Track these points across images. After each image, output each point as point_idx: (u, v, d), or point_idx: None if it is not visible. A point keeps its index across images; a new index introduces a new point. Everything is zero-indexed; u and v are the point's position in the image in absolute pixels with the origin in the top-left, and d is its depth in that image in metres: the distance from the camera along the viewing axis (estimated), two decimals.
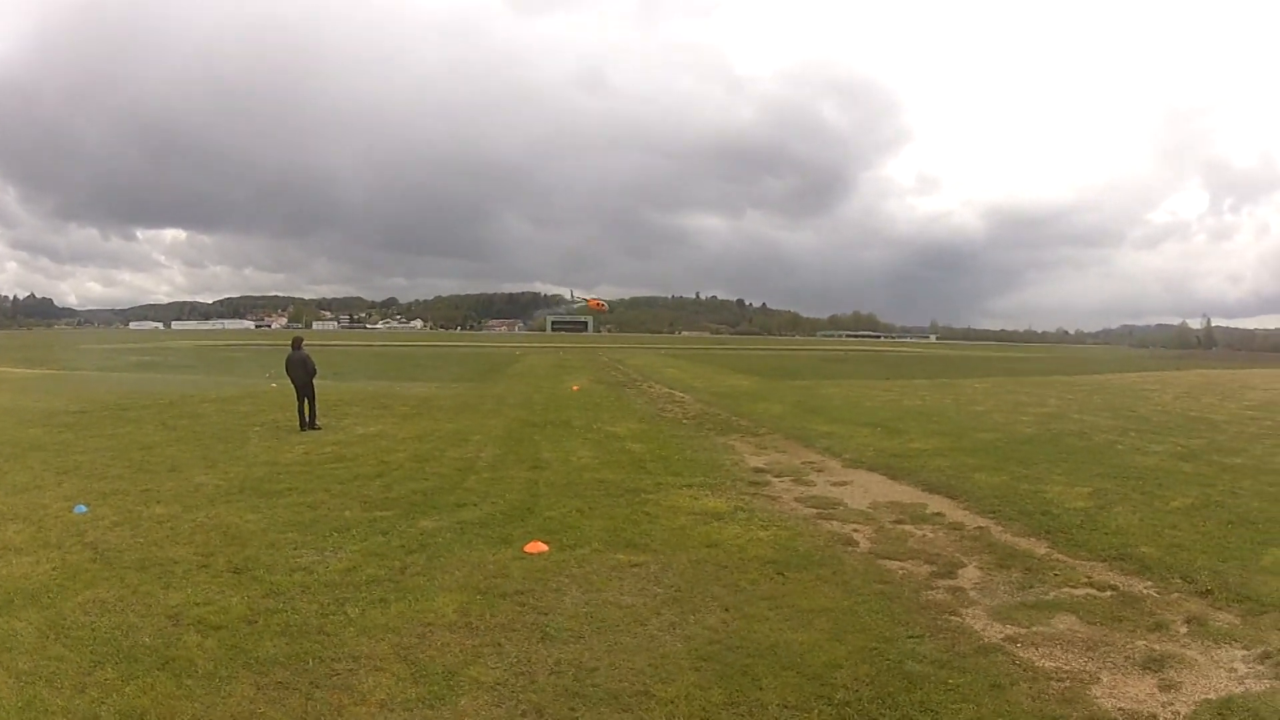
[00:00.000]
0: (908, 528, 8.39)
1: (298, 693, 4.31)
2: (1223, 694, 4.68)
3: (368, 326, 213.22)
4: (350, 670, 4.61)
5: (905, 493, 10.21)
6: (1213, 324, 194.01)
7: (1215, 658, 5.19)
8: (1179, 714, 4.47)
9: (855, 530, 8.23)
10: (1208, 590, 6.40)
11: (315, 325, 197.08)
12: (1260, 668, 5.04)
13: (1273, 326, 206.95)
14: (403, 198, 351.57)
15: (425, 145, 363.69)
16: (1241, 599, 6.19)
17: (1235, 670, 5.01)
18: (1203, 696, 4.65)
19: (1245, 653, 5.26)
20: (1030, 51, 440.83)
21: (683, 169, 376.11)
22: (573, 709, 4.26)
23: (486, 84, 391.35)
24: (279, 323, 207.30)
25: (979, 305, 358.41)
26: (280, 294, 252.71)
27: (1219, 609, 6.05)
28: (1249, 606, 6.05)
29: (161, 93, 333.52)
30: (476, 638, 5.14)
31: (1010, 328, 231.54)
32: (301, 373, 15.23)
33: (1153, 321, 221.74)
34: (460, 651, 4.92)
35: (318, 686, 4.39)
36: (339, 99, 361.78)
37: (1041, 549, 7.64)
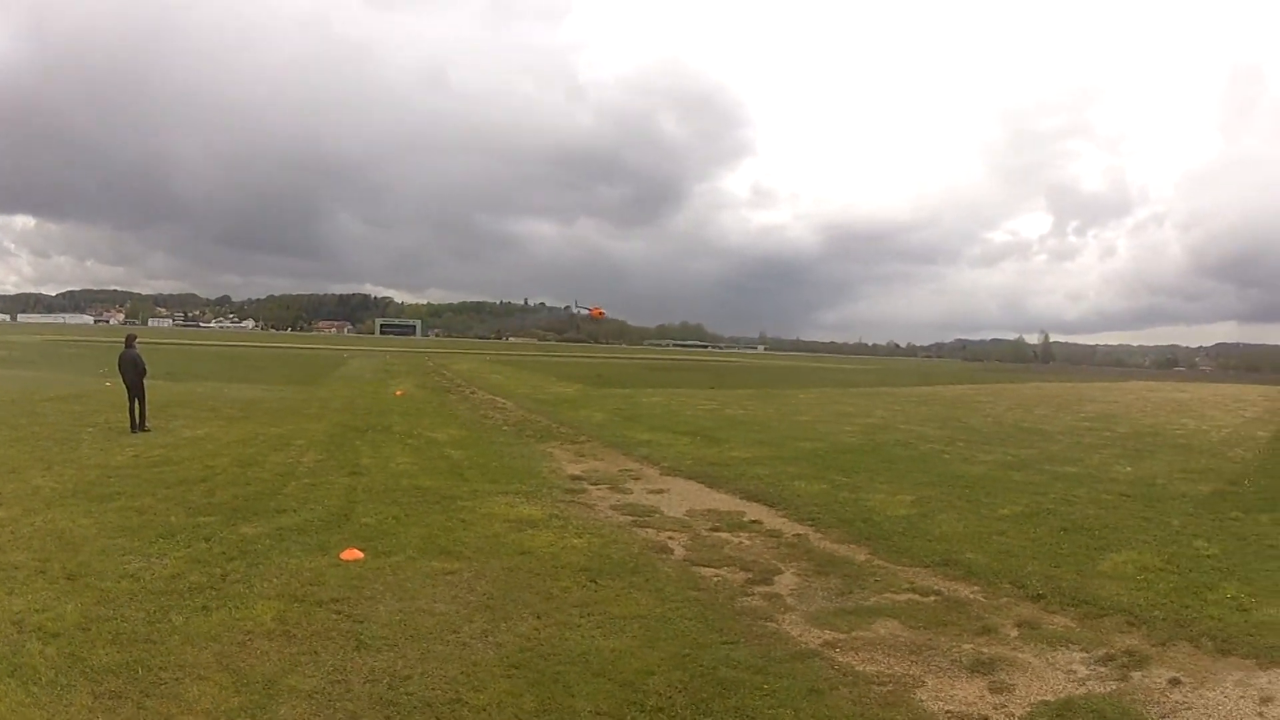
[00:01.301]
0: (724, 535, 8.47)
1: (130, 701, 4.48)
2: (1061, 695, 4.66)
3: (201, 325, 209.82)
4: (177, 679, 4.76)
5: (723, 500, 10.35)
6: (1051, 339, 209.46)
7: (1051, 660, 5.20)
8: (1014, 715, 4.50)
9: (670, 538, 8.24)
10: (1040, 595, 6.49)
11: (151, 322, 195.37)
12: (1103, 669, 5.06)
13: (1114, 343, 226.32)
14: (241, 193, 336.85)
15: (267, 138, 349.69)
16: (1078, 603, 6.30)
17: (1075, 672, 5.01)
18: (1039, 698, 4.63)
19: (1086, 655, 5.29)
20: (878, 71, 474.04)
21: (517, 173, 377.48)
22: (388, 717, 4.42)
23: (332, 78, 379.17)
24: (117, 318, 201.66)
25: (810, 318, 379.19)
26: (119, 288, 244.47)
27: (1052, 613, 6.12)
28: (1086, 610, 6.15)
29: (18, 72, 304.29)
30: (294, 646, 5.28)
31: (841, 340, 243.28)
32: (132, 372, 15.55)
33: (988, 336, 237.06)
34: (279, 660, 5.06)
35: (148, 695, 4.56)
36: (187, 87, 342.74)
37: (862, 555, 7.71)
